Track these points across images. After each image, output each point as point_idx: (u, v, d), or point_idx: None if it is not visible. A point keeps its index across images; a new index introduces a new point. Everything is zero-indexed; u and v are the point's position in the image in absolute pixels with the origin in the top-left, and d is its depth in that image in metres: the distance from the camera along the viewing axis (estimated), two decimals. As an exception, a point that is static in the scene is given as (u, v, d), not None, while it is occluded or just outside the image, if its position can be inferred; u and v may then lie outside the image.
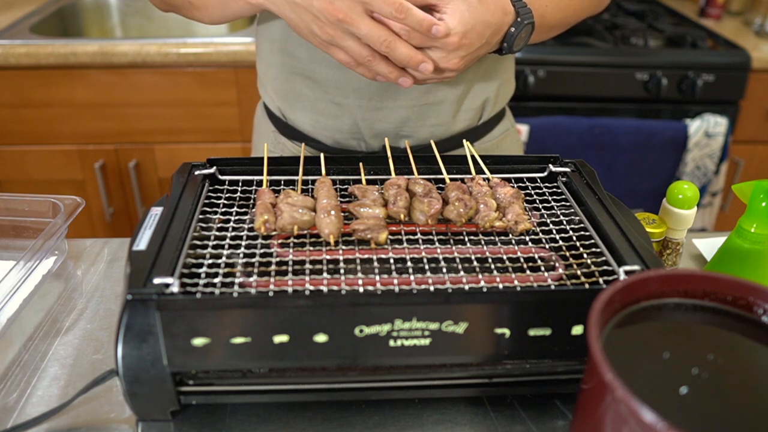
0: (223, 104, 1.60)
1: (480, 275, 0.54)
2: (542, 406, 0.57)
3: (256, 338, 0.50)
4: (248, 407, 0.57)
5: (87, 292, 0.72)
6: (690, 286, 0.45)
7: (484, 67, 0.85)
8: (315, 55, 0.80)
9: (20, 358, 0.62)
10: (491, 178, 0.67)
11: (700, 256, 0.83)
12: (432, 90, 0.82)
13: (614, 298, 0.42)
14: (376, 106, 0.82)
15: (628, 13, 1.96)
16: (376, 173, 0.70)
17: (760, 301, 0.44)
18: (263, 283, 0.52)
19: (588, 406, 0.41)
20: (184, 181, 0.65)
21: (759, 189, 0.64)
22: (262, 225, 0.58)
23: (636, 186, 1.71)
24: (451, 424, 0.55)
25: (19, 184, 1.67)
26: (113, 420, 0.55)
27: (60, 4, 1.82)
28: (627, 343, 0.42)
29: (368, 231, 0.57)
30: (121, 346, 0.49)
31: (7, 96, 1.54)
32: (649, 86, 1.61)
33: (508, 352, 0.52)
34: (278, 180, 0.68)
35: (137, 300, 0.49)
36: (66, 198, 0.76)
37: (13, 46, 1.48)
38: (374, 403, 0.57)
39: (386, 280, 0.53)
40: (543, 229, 0.62)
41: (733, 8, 1.99)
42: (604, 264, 0.56)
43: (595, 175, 0.68)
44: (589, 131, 1.62)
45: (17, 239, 0.77)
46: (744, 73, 1.63)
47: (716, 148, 1.65)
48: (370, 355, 0.51)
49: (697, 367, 0.40)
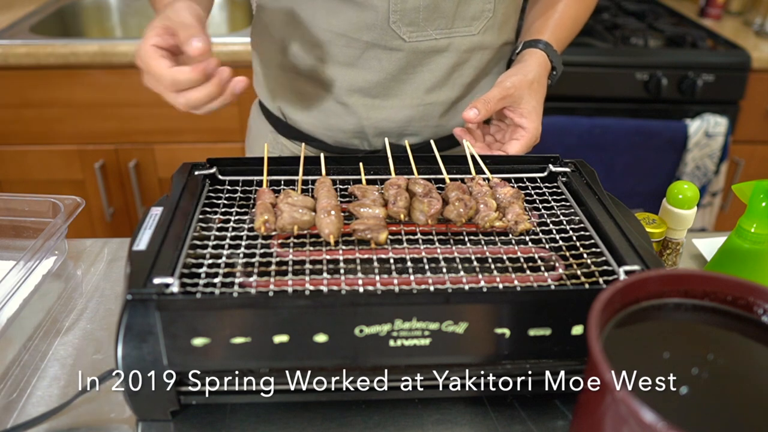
0: (223, 104, 1.60)
1: (480, 275, 0.54)
2: (542, 406, 0.57)
3: (256, 338, 0.50)
4: (248, 407, 0.57)
5: (87, 292, 0.72)
6: (690, 286, 0.45)
7: (485, 69, 0.85)
8: (320, 54, 0.80)
9: (20, 358, 0.62)
10: (491, 178, 0.67)
11: (700, 256, 0.83)
12: (435, 90, 0.82)
13: (614, 298, 0.42)
14: (381, 105, 0.82)
15: (628, 13, 1.96)
16: (376, 173, 0.69)
17: (760, 301, 0.44)
18: (263, 283, 0.52)
19: (588, 406, 0.41)
20: (184, 181, 0.64)
21: (759, 189, 0.64)
22: (262, 225, 0.58)
23: (636, 186, 1.71)
24: (451, 424, 0.55)
25: (19, 184, 1.67)
26: (113, 420, 0.55)
27: (60, 4, 1.82)
28: (627, 343, 0.42)
29: (368, 231, 0.57)
30: (121, 346, 0.49)
31: (7, 96, 1.54)
32: (649, 86, 1.61)
33: (508, 352, 0.52)
34: (278, 180, 0.68)
35: (137, 300, 0.49)
36: (66, 198, 0.76)
37: (13, 46, 1.48)
38: (374, 403, 0.57)
39: (386, 280, 0.53)
40: (543, 229, 0.62)
41: (733, 8, 1.99)
42: (604, 264, 0.56)
43: (595, 175, 0.68)
44: (589, 131, 1.61)
45: (17, 239, 0.77)
46: (744, 73, 1.63)
47: (716, 148, 1.64)
48: (370, 355, 0.51)
49: (697, 367, 0.40)
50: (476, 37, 0.80)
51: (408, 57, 0.79)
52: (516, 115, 0.78)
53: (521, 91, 0.77)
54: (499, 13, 0.81)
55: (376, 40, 0.77)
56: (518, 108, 0.77)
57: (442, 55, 0.80)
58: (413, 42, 0.78)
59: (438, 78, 0.82)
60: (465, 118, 0.74)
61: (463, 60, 0.82)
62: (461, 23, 0.79)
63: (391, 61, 0.79)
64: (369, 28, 0.77)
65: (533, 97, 0.78)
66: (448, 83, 0.83)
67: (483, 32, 0.81)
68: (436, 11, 0.76)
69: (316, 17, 0.78)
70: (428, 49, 0.79)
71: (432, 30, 0.78)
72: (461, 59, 0.81)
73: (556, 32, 0.84)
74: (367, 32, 0.77)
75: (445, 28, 0.78)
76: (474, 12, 0.79)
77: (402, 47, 0.78)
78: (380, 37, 0.77)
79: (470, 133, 0.79)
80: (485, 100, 0.75)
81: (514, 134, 0.78)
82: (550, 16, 0.85)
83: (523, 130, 0.77)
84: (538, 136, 0.78)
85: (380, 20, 0.76)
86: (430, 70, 0.81)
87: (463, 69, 0.83)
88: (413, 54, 0.79)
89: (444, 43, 0.79)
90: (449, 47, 0.80)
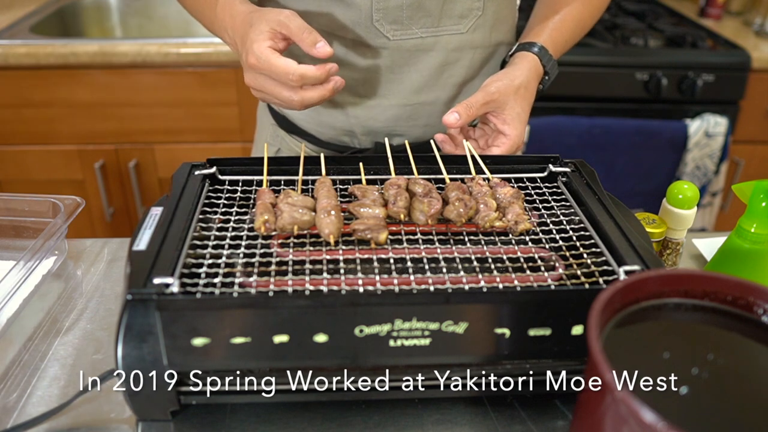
0: (223, 104, 1.60)
1: (480, 275, 0.54)
2: (542, 406, 0.57)
3: (256, 338, 0.50)
4: (248, 407, 0.57)
5: (87, 292, 0.72)
6: (690, 286, 0.45)
7: (477, 69, 0.85)
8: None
9: (20, 358, 0.62)
10: (491, 178, 0.67)
11: (700, 256, 0.83)
12: (424, 90, 0.82)
13: (614, 298, 0.42)
14: (369, 104, 0.83)
15: (628, 13, 1.96)
16: (376, 173, 0.69)
17: (760, 301, 0.44)
18: (263, 283, 0.52)
19: (588, 406, 0.41)
20: (184, 181, 0.64)
21: (759, 189, 0.64)
22: (262, 225, 0.58)
23: (636, 186, 1.71)
24: (451, 424, 0.55)
25: (19, 184, 1.67)
26: (113, 420, 0.55)
27: (60, 4, 1.82)
28: (627, 343, 0.42)
29: (368, 231, 0.57)
30: (121, 346, 0.49)
31: (7, 96, 1.54)
32: (649, 86, 1.61)
33: (508, 352, 0.52)
34: (278, 180, 0.68)
35: (137, 300, 0.49)
36: (66, 198, 0.76)
37: (13, 46, 1.48)
38: (374, 403, 0.57)
39: (386, 280, 0.53)
40: (543, 229, 0.62)
41: (733, 8, 1.99)
42: (604, 264, 0.56)
43: (595, 175, 0.68)
44: (589, 131, 1.61)
45: (17, 239, 0.77)
46: (744, 73, 1.63)
47: (716, 148, 1.64)
48: (370, 355, 0.51)
49: (697, 367, 0.40)
50: (465, 35, 0.80)
51: (393, 56, 0.79)
52: (499, 121, 0.76)
53: (506, 96, 0.75)
54: (489, 11, 0.80)
55: (360, 39, 0.78)
56: (501, 114, 0.76)
57: (428, 54, 0.80)
58: (397, 40, 0.78)
59: (426, 78, 0.81)
60: (445, 122, 0.72)
61: (453, 59, 0.81)
62: (448, 21, 0.78)
63: (375, 60, 0.79)
64: (353, 25, 0.77)
65: (518, 104, 0.76)
66: (438, 83, 0.82)
67: (473, 31, 0.80)
68: (420, 9, 0.76)
69: (305, 15, 0.78)
70: (414, 48, 0.79)
71: (417, 28, 0.78)
72: (450, 58, 0.81)
73: (555, 35, 0.83)
74: (351, 30, 0.77)
75: (431, 27, 0.78)
76: (461, 10, 0.78)
77: (386, 45, 0.78)
78: (364, 35, 0.78)
79: (452, 140, 0.77)
80: (467, 104, 0.73)
81: (495, 140, 0.77)
82: (551, 17, 0.84)
83: (504, 137, 0.76)
84: (520, 143, 0.77)
85: (363, 18, 0.76)
86: (418, 70, 0.81)
87: (453, 69, 0.82)
88: (398, 52, 0.79)
89: (430, 41, 0.79)
90: (435, 46, 0.79)
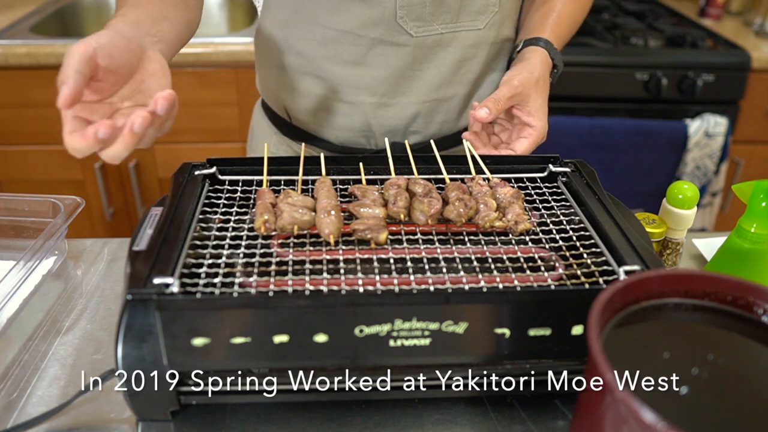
0: (223, 104, 1.60)
1: (480, 275, 0.54)
2: (542, 406, 0.57)
3: (256, 338, 0.50)
4: (248, 407, 0.57)
5: (87, 292, 0.72)
6: (690, 286, 0.45)
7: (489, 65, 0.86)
8: (326, 54, 0.80)
9: (20, 358, 0.62)
10: (491, 178, 0.67)
11: (700, 256, 0.83)
12: (443, 86, 0.83)
13: (614, 298, 0.42)
14: (388, 103, 0.83)
15: (628, 13, 1.96)
16: (376, 173, 0.69)
17: (760, 301, 0.44)
18: (263, 283, 0.52)
19: (588, 406, 0.41)
20: (184, 181, 0.64)
21: (759, 189, 0.64)
22: (262, 225, 0.58)
23: (636, 186, 1.71)
24: (451, 424, 0.55)
25: (19, 184, 1.67)
26: (113, 420, 0.55)
27: (60, 4, 1.82)
28: (627, 343, 0.42)
29: (368, 231, 0.57)
30: (121, 346, 0.49)
31: (7, 96, 1.54)
32: (649, 86, 1.61)
33: (508, 352, 0.52)
34: (278, 180, 0.68)
35: (137, 300, 0.49)
36: (66, 198, 0.76)
37: (13, 46, 1.48)
38: (374, 403, 0.57)
39: (386, 280, 0.53)
40: (543, 229, 0.62)
41: (733, 8, 1.99)
42: (604, 264, 0.56)
43: (595, 175, 0.68)
44: (589, 131, 1.61)
45: (17, 239, 0.77)
46: (744, 73, 1.63)
47: (716, 148, 1.64)
48: (370, 355, 0.51)
49: (697, 367, 0.40)
50: (482, 31, 0.81)
51: (414, 52, 0.79)
52: (524, 113, 0.78)
53: (528, 89, 0.77)
54: (504, 8, 0.81)
55: (382, 37, 0.78)
56: (526, 106, 0.78)
57: (446, 50, 0.80)
58: (420, 37, 0.78)
59: (444, 74, 0.82)
60: (477, 117, 0.74)
61: (470, 55, 0.82)
62: (466, 17, 0.79)
63: (397, 57, 0.79)
64: (375, 24, 0.77)
65: (540, 95, 0.78)
66: (455, 79, 0.83)
67: (489, 27, 0.81)
68: (442, 5, 0.77)
69: (321, 15, 0.78)
70: (434, 44, 0.79)
71: (438, 24, 0.78)
72: (467, 54, 0.82)
73: (555, 30, 0.84)
74: (373, 29, 0.77)
75: (451, 23, 0.79)
76: (479, 6, 0.79)
77: (408, 42, 0.78)
78: (387, 33, 0.77)
79: (478, 138, 0.79)
80: (495, 99, 0.75)
81: (522, 132, 0.78)
82: (548, 14, 0.86)
83: (530, 128, 0.78)
84: (545, 134, 0.78)
85: (387, 16, 0.76)
86: (436, 66, 0.81)
87: (470, 64, 0.83)
88: (419, 49, 0.79)
89: (449, 37, 0.80)
90: (453, 41, 0.80)
